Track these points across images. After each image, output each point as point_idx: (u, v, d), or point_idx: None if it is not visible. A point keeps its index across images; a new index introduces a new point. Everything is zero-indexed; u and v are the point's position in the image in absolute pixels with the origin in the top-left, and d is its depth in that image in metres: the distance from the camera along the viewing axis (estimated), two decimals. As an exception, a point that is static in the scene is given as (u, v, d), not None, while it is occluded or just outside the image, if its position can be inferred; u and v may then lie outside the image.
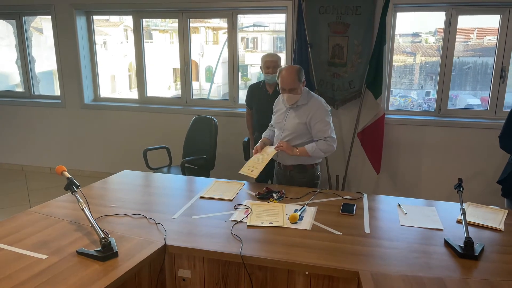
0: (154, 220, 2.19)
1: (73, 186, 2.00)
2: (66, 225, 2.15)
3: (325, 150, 2.73)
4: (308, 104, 2.77)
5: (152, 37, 7.39)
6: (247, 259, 1.86)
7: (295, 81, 2.67)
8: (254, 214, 2.29)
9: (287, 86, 2.68)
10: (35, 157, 5.51)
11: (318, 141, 2.73)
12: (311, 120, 2.72)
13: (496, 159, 4.02)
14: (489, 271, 1.74)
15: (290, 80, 2.67)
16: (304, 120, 2.74)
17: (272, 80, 3.61)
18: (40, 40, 5.77)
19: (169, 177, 3.10)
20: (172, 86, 6.80)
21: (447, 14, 4.07)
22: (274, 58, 3.57)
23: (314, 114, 2.72)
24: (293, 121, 2.77)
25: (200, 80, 7.43)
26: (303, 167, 2.84)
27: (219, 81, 6.36)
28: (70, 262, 1.78)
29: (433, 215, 2.31)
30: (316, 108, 2.74)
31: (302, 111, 2.76)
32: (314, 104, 2.77)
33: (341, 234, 2.07)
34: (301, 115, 2.75)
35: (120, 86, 7.38)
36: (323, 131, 2.72)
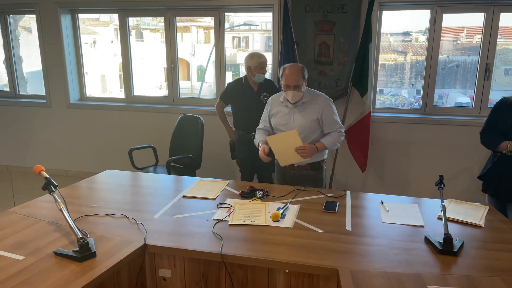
0: (135, 220, 2.17)
1: (51, 186, 1.97)
2: (45, 225, 2.12)
3: (339, 141, 2.79)
4: (313, 100, 2.75)
5: (143, 36, 7.35)
6: (228, 258, 1.84)
7: (300, 78, 2.65)
8: (236, 212, 2.28)
9: (292, 83, 2.64)
10: (21, 157, 5.44)
11: (332, 133, 2.76)
12: (322, 114, 2.73)
13: (481, 156, 4.04)
14: (467, 267, 1.75)
15: (296, 77, 2.64)
16: (315, 116, 2.73)
17: (262, 79, 3.64)
18: (29, 39, 5.70)
19: (153, 176, 3.08)
20: (163, 85, 6.77)
21: (432, 12, 4.09)
22: (266, 59, 3.64)
23: (325, 109, 2.73)
24: (303, 119, 2.73)
25: (191, 79, 7.41)
26: (317, 164, 2.84)
27: (211, 80, 6.34)
28: (47, 263, 1.76)
29: (415, 212, 2.32)
30: (324, 103, 2.75)
31: (310, 108, 2.73)
32: (320, 99, 2.77)
33: (322, 231, 2.07)
34: (311, 112, 2.73)
35: (110, 86, 7.32)
36: (335, 123, 2.76)
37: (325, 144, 2.74)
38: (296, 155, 2.63)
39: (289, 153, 2.65)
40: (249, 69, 3.65)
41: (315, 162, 2.82)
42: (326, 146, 2.74)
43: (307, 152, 2.63)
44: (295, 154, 2.63)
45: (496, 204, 2.65)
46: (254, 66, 3.60)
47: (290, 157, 2.67)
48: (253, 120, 3.72)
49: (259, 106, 3.67)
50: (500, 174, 2.63)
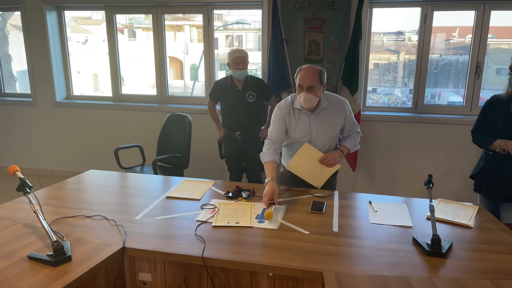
0: (115, 222, 2.10)
1: (26, 187, 1.89)
2: (21, 228, 2.04)
3: (358, 141, 2.68)
4: (332, 105, 2.51)
5: (135, 35, 7.25)
6: (209, 261, 1.78)
7: (316, 80, 2.36)
8: (220, 213, 2.21)
9: (306, 84, 2.35)
10: (5, 157, 5.33)
11: (352, 135, 2.65)
12: (346, 120, 2.56)
13: (472, 155, 4.02)
14: (456, 269, 1.70)
15: (310, 77, 2.35)
16: (341, 123, 2.56)
17: (241, 76, 3.56)
18: (19, 38, 5.58)
19: (138, 177, 3.00)
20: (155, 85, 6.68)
21: (422, 10, 4.05)
22: (243, 54, 3.52)
23: (347, 111, 2.55)
24: (329, 127, 2.51)
25: (184, 78, 7.33)
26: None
27: (203, 79, 6.27)
28: (20, 267, 1.68)
29: (403, 212, 2.27)
30: (344, 104, 2.56)
31: (332, 113, 2.51)
32: (339, 102, 2.55)
33: (308, 233, 2.01)
34: (335, 118, 2.52)
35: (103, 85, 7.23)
36: (355, 125, 2.65)
37: (349, 147, 2.60)
38: (325, 168, 2.48)
39: (317, 169, 2.50)
40: (228, 66, 3.59)
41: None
42: (349, 149, 2.61)
43: (334, 160, 2.46)
44: (323, 168, 2.49)
45: (488, 203, 2.61)
46: (230, 61, 3.54)
47: (321, 172, 2.51)
48: (237, 118, 3.67)
49: (243, 105, 3.62)
50: (493, 173, 2.58)
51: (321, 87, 2.42)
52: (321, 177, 2.54)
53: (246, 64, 3.56)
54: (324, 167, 2.50)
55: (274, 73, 4.13)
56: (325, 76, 2.46)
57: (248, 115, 3.64)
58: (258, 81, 3.77)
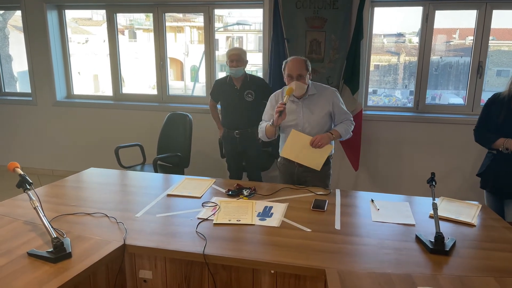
0: (115, 219, 2.08)
1: (26, 183, 1.87)
2: (21, 225, 2.02)
3: (351, 130, 2.74)
4: (321, 93, 2.69)
5: (136, 36, 7.24)
6: (210, 259, 1.76)
7: (303, 69, 2.58)
8: (222, 211, 2.20)
9: (295, 72, 2.56)
10: (5, 156, 5.31)
11: (345, 122, 2.72)
12: (334, 105, 2.68)
13: (473, 154, 4.01)
14: (459, 267, 1.69)
15: (298, 66, 2.58)
16: (328, 109, 2.67)
17: (237, 74, 3.54)
18: (20, 38, 5.58)
19: (138, 175, 2.99)
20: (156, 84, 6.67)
21: (424, 10, 4.04)
22: (237, 51, 3.51)
23: (334, 99, 2.68)
24: (314, 114, 2.65)
25: (185, 79, 7.32)
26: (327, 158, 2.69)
27: (204, 80, 6.25)
28: (19, 264, 1.66)
29: (406, 210, 2.25)
30: (333, 93, 2.71)
31: (320, 101, 2.67)
32: (327, 91, 2.72)
33: (310, 231, 1.99)
34: (323, 104, 2.66)
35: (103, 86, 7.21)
36: (345, 112, 2.73)
37: (339, 131, 2.67)
38: (319, 150, 2.57)
39: (311, 153, 2.59)
40: (227, 64, 3.58)
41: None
42: (340, 134, 2.68)
43: (322, 140, 2.56)
44: (316, 151, 2.57)
45: (493, 200, 2.62)
46: (227, 60, 3.54)
47: (316, 155, 2.59)
48: (235, 117, 3.65)
49: (241, 104, 3.59)
50: (498, 171, 2.60)
51: (307, 75, 2.63)
52: (317, 160, 2.61)
53: (242, 62, 3.52)
54: (317, 150, 2.58)
55: (275, 72, 4.11)
56: (309, 65, 2.67)
57: (246, 114, 3.62)
58: (258, 80, 3.75)
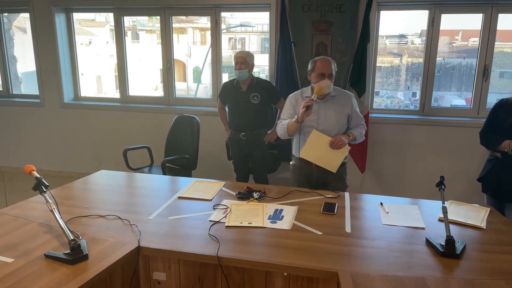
0: (128, 221, 2.11)
1: (42, 186, 1.91)
2: (36, 227, 2.05)
3: (363, 133, 2.82)
4: (340, 95, 2.77)
5: (138, 37, 7.29)
6: (224, 261, 1.79)
7: (332, 69, 2.67)
8: (233, 214, 2.23)
9: (328, 71, 2.64)
10: (13, 158, 5.36)
11: (359, 126, 2.81)
12: (352, 109, 2.76)
13: (479, 157, 4.02)
14: (470, 270, 1.71)
15: (330, 66, 2.66)
16: (347, 111, 2.75)
17: (242, 76, 3.58)
18: (24, 39, 5.63)
19: (148, 177, 3.02)
20: (159, 86, 6.71)
21: (430, 13, 4.06)
22: (242, 54, 3.56)
23: (353, 103, 2.78)
24: (336, 114, 2.72)
25: (187, 80, 7.36)
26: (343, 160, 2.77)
27: (207, 81, 6.29)
28: (37, 265, 1.69)
29: (415, 213, 2.27)
30: (351, 97, 2.80)
31: (341, 102, 2.74)
32: (346, 94, 2.82)
33: (321, 233, 2.02)
34: (343, 106, 2.74)
35: (106, 87, 7.25)
36: (360, 117, 2.83)
37: (355, 134, 2.75)
38: (336, 152, 2.63)
39: (329, 154, 2.64)
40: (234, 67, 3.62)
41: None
42: (356, 137, 2.75)
43: (341, 141, 2.62)
44: (334, 152, 2.63)
45: (494, 204, 2.65)
46: (233, 62, 3.58)
47: (334, 157, 2.65)
48: (241, 119, 3.69)
49: (248, 106, 3.63)
50: (500, 174, 2.63)
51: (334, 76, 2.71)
52: (334, 162, 2.67)
53: (247, 65, 3.55)
54: (335, 151, 2.64)
55: (282, 75, 4.14)
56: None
57: (252, 116, 3.65)
58: (264, 83, 3.78)
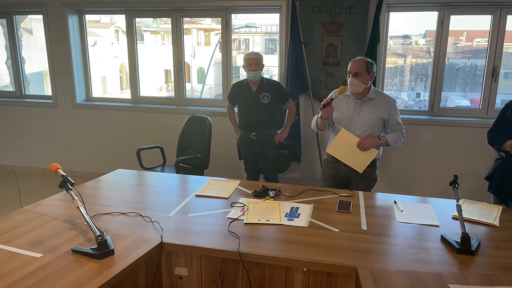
0: (150, 218, 2.17)
1: (68, 183, 1.97)
2: (60, 223, 2.11)
3: (401, 140, 2.84)
4: (380, 99, 2.79)
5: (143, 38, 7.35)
6: (245, 256, 1.84)
7: (362, 67, 2.70)
8: (250, 211, 2.28)
9: (353, 70, 2.70)
10: (26, 157, 5.44)
11: (396, 132, 2.83)
12: (390, 114, 2.78)
13: (487, 157, 4.05)
14: (486, 266, 1.75)
15: (356, 64, 2.71)
16: (383, 115, 2.77)
17: (256, 77, 3.62)
18: (29, 41, 5.71)
19: (164, 176, 3.08)
20: (163, 87, 6.77)
21: (439, 14, 4.10)
22: (255, 56, 3.59)
23: (392, 108, 2.79)
24: (369, 115, 2.76)
25: (192, 81, 7.41)
26: (373, 161, 2.81)
27: (211, 82, 6.34)
28: (65, 260, 1.75)
29: (429, 211, 2.32)
30: (392, 102, 2.82)
31: (378, 105, 2.77)
32: (387, 99, 2.83)
33: (338, 231, 2.07)
34: (378, 110, 2.77)
35: (111, 88, 7.31)
36: (399, 124, 2.83)
37: (388, 139, 2.78)
38: (364, 153, 2.69)
39: (356, 154, 2.71)
40: (243, 69, 3.66)
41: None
42: (388, 141, 2.77)
43: (368, 144, 2.67)
44: (361, 153, 2.70)
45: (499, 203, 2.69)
46: (244, 64, 3.62)
47: (361, 157, 2.71)
48: (252, 119, 3.73)
49: (258, 106, 3.67)
50: (503, 173, 2.70)
51: (368, 76, 2.71)
52: (361, 162, 2.73)
53: (260, 66, 3.60)
54: (362, 153, 2.70)
55: (292, 76, 4.20)
56: (374, 67, 2.76)
57: (262, 117, 3.69)
58: (274, 83, 3.82)
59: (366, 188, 2.85)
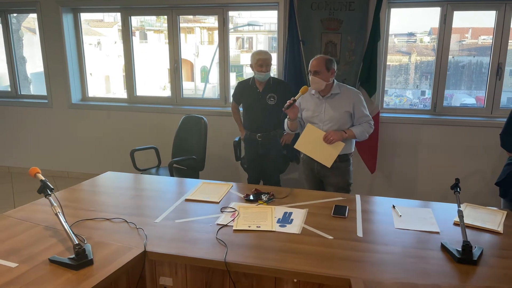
0: (135, 225, 2.07)
1: (47, 189, 1.87)
2: (41, 230, 2.02)
3: (368, 132, 2.83)
4: (343, 93, 2.80)
5: (146, 37, 7.28)
6: (232, 266, 1.74)
7: (321, 65, 2.71)
8: (241, 217, 2.17)
9: (312, 68, 2.73)
10: (22, 158, 5.36)
11: (363, 124, 2.81)
12: (354, 106, 2.78)
13: (493, 157, 3.93)
14: (488, 277, 1.64)
15: (315, 63, 2.73)
16: (348, 108, 2.77)
17: (265, 78, 3.51)
18: (33, 40, 5.64)
19: (155, 179, 2.98)
20: (167, 86, 6.69)
21: (442, 10, 3.97)
22: (267, 56, 3.47)
23: (356, 101, 2.79)
24: (334, 110, 2.77)
25: (195, 80, 7.34)
26: (345, 156, 2.85)
27: (214, 81, 6.26)
28: (41, 270, 1.66)
29: (429, 217, 2.20)
30: (355, 95, 2.82)
31: (341, 100, 2.78)
32: (350, 92, 2.84)
33: (332, 238, 1.96)
34: (342, 104, 2.77)
35: (114, 87, 7.26)
36: (366, 115, 2.82)
37: (354, 131, 2.77)
38: (331, 147, 2.69)
39: (323, 149, 2.71)
40: (251, 67, 3.55)
41: (344, 154, 2.81)
42: (355, 134, 2.77)
43: (333, 137, 2.68)
44: (328, 146, 2.69)
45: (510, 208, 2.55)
46: (253, 63, 3.49)
47: (328, 151, 2.71)
48: (257, 120, 3.62)
49: (263, 107, 3.56)
50: None
51: (328, 73, 2.73)
52: (328, 156, 2.72)
53: (269, 67, 3.50)
54: (329, 146, 2.70)
55: (290, 74, 4.09)
56: (333, 64, 2.77)
57: (268, 118, 3.58)
58: (281, 83, 3.71)
59: (345, 185, 2.90)
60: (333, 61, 2.78)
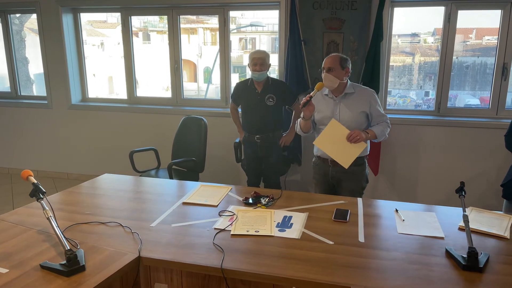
0: (130, 229, 2.02)
1: (39, 192, 1.82)
2: (34, 234, 1.97)
3: (387, 132, 2.75)
4: (358, 92, 2.73)
5: (150, 38, 7.25)
6: (229, 273, 1.68)
7: (335, 63, 2.64)
8: (239, 221, 2.12)
9: (326, 65, 2.65)
10: (21, 159, 5.33)
11: (381, 123, 2.74)
12: (371, 106, 2.71)
13: (498, 159, 3.86)
14: (494, 285, 1.58)
15: (330, 60, 2.65)
16: (364, 108, 2.70)
17: (260, 78, 3.44)
18: (36, 41, 5.62)
19: (153, 181, 2.93)
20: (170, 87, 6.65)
21: (446, 9, 3.90)
22: (261, 55, 3.39)
23: (372, 100, 2.72)
24: (350, 111, 2.68)
25: (198, 81, 7.30)
26: (361, 159, 2.76)
27: (217, 82, 6.21)
28: (32, 277, 1.61)
29: (433, 221, 2.14)
30: (371, 94, 2.75)
31: (357, 99, 2.70)
32: (366, 91, 2.76)
33: (333, 243, 1.90)
34: (358, 104, 2.70)
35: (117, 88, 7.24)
36: (382, 114, 2.75)
37: (375, 131, 2.67)
38: (352, 146, 2.56)
39: (344, 148, 2.57)
40: (248, 67, 3.49)
41: (360, 157, 2.69)
42: (375, 134, 2.67)
43: (359, 135, 2.55)
44: (350, 146, 2.56)
45: None
46: (249, 62, 3.43)
47: (349, 151, 2.57)
48: (256, 122, 3.56)
49: (262, 108, 3.50)
50: None
51: (342, 71, 2.65)
52: (348, 156, 2.58)
53: (265, 66, 3.41)
54: (351, 146, 2.57)
55: (291, 74, 4.03)
56: (348, 63, 2.70)
57: (267, 119, 3.52)
58: (280, 83, 3.64)
59: (359, 189, 2.81)
60: (348, 60, 2.71)
